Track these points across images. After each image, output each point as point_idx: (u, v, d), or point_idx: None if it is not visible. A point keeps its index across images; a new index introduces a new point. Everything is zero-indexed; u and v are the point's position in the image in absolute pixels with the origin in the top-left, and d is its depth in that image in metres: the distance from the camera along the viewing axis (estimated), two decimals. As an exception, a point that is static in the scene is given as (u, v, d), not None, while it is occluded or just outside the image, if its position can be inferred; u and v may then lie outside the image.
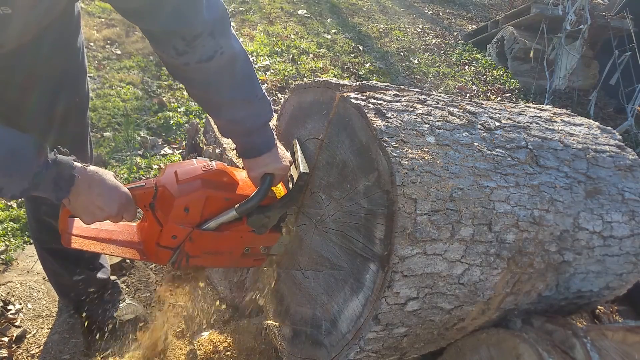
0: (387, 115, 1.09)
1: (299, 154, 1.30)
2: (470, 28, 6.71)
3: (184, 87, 1.23)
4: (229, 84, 1.14)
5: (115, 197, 1.07)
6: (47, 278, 1.94)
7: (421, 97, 1.26)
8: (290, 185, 1.30)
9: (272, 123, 1.29)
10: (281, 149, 1.30)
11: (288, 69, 4.43)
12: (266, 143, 1.23)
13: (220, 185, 1.22)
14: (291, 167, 1.32)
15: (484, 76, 5.23)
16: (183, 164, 1.24)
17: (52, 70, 1.28)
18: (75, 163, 1.00)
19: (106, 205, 1.06)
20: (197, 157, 1.27)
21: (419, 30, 6.45)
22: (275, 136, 1.27)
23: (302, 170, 1.24)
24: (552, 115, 1.48)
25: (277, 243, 1.38)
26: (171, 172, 1.20)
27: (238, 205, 1.19)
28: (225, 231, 1.24)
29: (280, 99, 3.89)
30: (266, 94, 1.22)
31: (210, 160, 1.25)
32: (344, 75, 4.61)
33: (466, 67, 5.42)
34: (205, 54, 1.07)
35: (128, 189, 1.13)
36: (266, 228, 1.27)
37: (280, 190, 1.33)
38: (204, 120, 2.97)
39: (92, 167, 1.04)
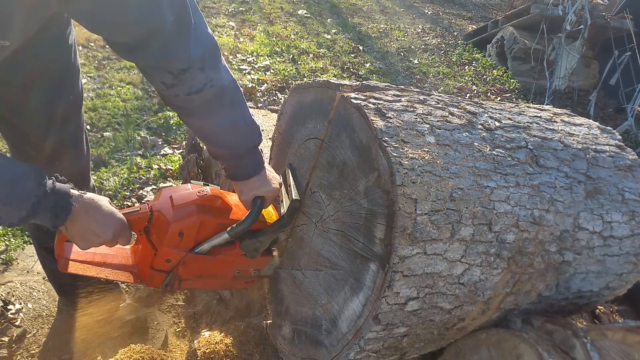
0: (387, 115, 1.09)
1: (291, 181, 1.33)
2: (470, 28, 6.71)
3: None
4: (219, 113, 1.17)
5: (110, 223, 1.10)
6: (47, 278, 1.94)
7: (421, 97, 1.26)
8: (283, 210, 1.32)
9: (262, 145, 1.33)
10: (270, 171, 1.34)
11: (288, 69, 4.43)
12: (255, 167, 1.28)
13: (214, 211, 1.26)
14: (283, 193, 1.35)
15: (484, 76, 5.23)
16: (178, 188, 1.28)
17: (49, 69, 1.29)
18: (73, 191, 1.02)
19: (102, 232, 1.08)
20: (192, 182, 1.32)
21: (419, 30, 6.45)
22: (265, 159, 1.31)
23: (294, 197, 1.27)
24: (552, 115, 1.48)
25: (268, 265, 1.41)
26: (166, 197, 1.23)
27: (230, 228, 1.23)
28: (217, 255, 1.27)
29: (280, 99, 3.89)
30: (255, 119, 1.26)
31: (204, 185, 1.29)
32: (344, 75, 4.61)
33: (466, 67, 5.42)
34: (195, 87, 1.09)
35: (123, 214, 1.16)
36: (258, 252, 1.31)
37: (271, 213, 1.37)
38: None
39: (88, 195, 1.07)
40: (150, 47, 0.99)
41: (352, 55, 5.11)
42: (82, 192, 1.06)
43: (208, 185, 1.29)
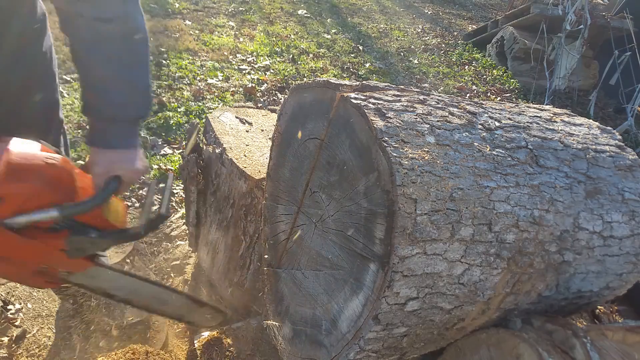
0: (387, 115, 1.09)
1: (167, 192, 1.14)
2: (470, 28, 6.71)
3: (70, 41, 1.06)
4: (118, 57, 1.01)
5: None
6: (47, 278, 1.94)
7: (421, 97, 1.26)
8: (144, 220, 1.10)
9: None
10: (142, 159, 1.14)
11: (288, 69, 4.43)
12: (124, 140, 1.09)
13: (56, 186, 1.00)
14: (147, 203, 1.15)
15: (484, 76, 5.24)
16: (23, 144, 1.00)
17: (12, 77, 1.16)
18: None
19: None
20: (43, 142, 1.05)
21: (419, 30, 6.46)
22: (140, 141, 1.14)
23: (162, 212, 1.08)
24: (552, 115, 1.48)
25: (84, 272, 1.16)
26: (2, 148, 0.96)
27: (63, 205, 0.97)
28: (31, 239, 1.00)
29: (280, 99, 3.89)
30: (150, 91, 1.10)
31: (56, 152, 1.04)
32: (344, 75, 4.61)
33: (466, 67, 5.43)
34: (106, 13, 0.95)
35: None
36: (83, 253, 1.08)
37: (119, 213, 1.13)
38: (204, 120, 2.97)
39: None
40: None
41: (352, 55, 5.11)
42: None
43: (60, 155, 1.04)
